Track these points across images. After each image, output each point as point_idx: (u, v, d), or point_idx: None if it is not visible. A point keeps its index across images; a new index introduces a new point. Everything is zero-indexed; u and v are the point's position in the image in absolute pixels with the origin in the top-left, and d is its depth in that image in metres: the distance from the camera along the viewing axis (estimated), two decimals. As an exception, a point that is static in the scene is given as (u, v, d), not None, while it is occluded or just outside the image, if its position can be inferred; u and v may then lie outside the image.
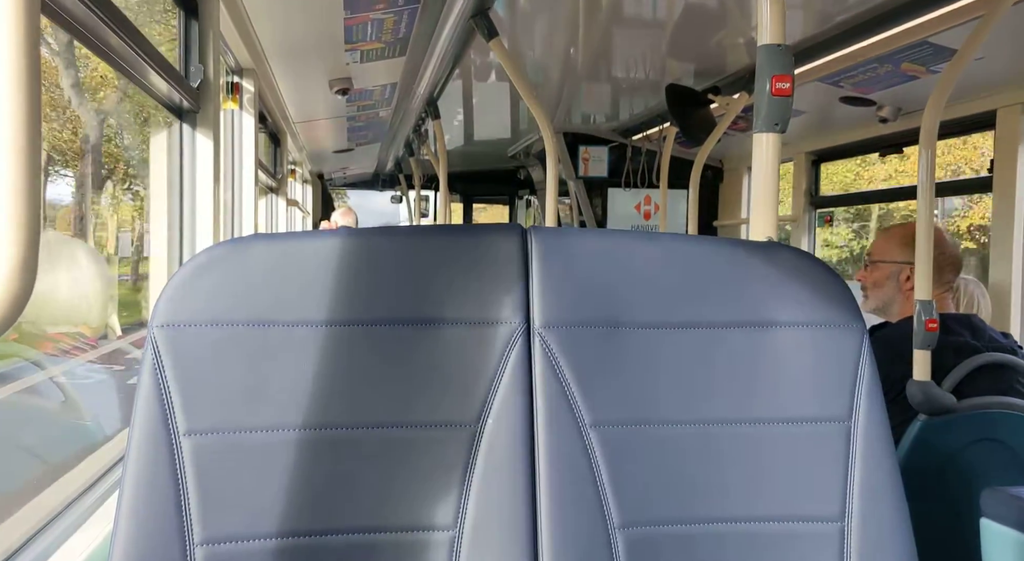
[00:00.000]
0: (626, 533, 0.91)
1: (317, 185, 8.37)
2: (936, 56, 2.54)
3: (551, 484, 0.90)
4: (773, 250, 1.01)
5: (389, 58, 3.25)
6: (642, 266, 0.97)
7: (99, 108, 2.19)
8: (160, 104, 1.85)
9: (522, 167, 6.54)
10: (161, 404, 0.85)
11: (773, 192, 1.21)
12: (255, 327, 0.88)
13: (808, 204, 4.09)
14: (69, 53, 1.80)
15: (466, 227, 0.98)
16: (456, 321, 0.92)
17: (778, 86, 1.19)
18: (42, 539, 1.17)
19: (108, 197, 2.47)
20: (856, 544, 0.94)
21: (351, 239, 0.93)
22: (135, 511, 0.83)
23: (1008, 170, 2.66)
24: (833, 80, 3.00)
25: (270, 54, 3.04)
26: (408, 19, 2.70)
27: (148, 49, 1.51)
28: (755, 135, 1.22)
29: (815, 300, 0.98)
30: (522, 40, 3.15)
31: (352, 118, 4.76)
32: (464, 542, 0.89)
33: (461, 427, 0.90)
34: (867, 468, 0.95)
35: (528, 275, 0.94)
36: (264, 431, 0.86)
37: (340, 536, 0.87)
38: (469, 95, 4.30)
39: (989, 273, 2.76)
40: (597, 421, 0.92)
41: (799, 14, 2.53)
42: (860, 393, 0.96)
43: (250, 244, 0.91)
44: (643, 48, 3.23)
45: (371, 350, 0.90)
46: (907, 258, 2.09)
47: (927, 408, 1.83)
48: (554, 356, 0.93)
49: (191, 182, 1.94)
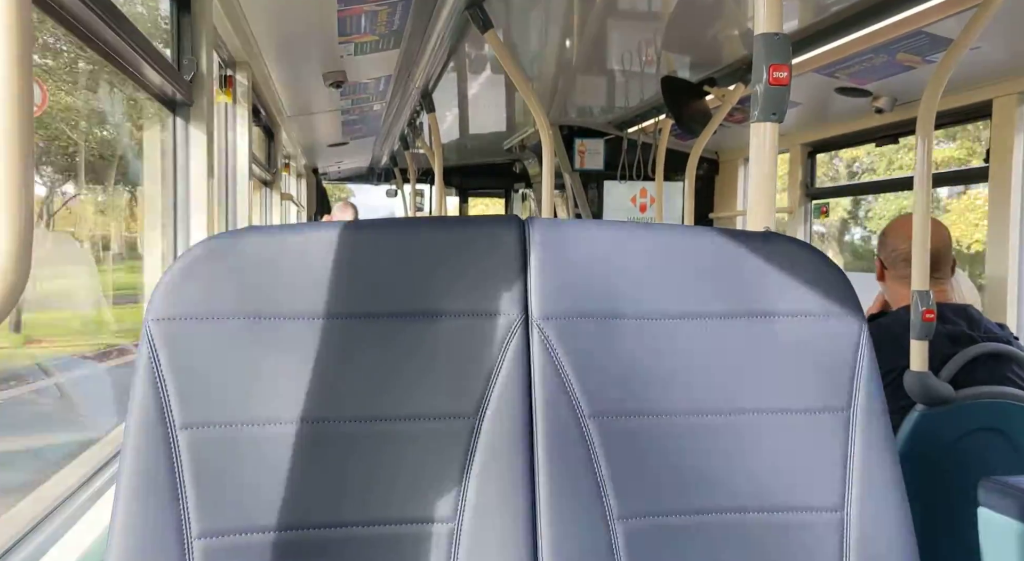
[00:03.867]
0: (625, 524, 0.91)
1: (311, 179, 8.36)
2: (932, 46, 2.54)
3: (550, 475, 0.90)
4: (771, 240, 1.00)
5: (383, 51, 3.24)
6: (641, 257, 0.96)
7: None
8: (153, 97, 1.84)
9: (518, 160, 6.54)
10: (157, 398, 0.84)
11: (771, 182, 1.21)
12: (251, 320, 0.87)
13: (804, 195, 4.09)
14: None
15: (464, 219, 0.98)
16: (454, 313, 0.91)
17: (776, 75, 1.18)
18: (40, 532, 1.17)
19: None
20: (855, 533, 0.94)
21: (347, 231, 0.92)
22: (132, 505, 0.83)
23: (1004, 160, 2.67)
24: (829, 71, 3.00)
25: (264, 47, 3.02)
26: (402, 11, 2.69)
27: (141, 41, 1.50)
28: (752, 125, 1.22)
29: (813, 290, 0.97)
30: (517, 32, 3.14)
31: (346, 111, 4.74)
32: (464, 534, 0.88)
33: (460, 419, 0.90)
34: (866, 458, 0.95)
35: (526, 267, 0.94)
36: (261, 424, 0.86)
37: (338, 529, 0.87)
38: (464, 88, 4.29)
39: (985, 264, 2.76)
40: (596, 412, 0.92)
41: (795, 4, 2.53)
42: (859, 382, 0.96)
43: (245, 237, 0.91)
44: (639, 40, 3.22)
45: (368, 342, 0.89)
46: (895, 247, 2.11)
47: (924, 399, 1.83)
48: (553, 347, 0.92)
49: (184, 175, 1.94)
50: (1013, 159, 2.64)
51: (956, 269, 2.17)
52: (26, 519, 1.17)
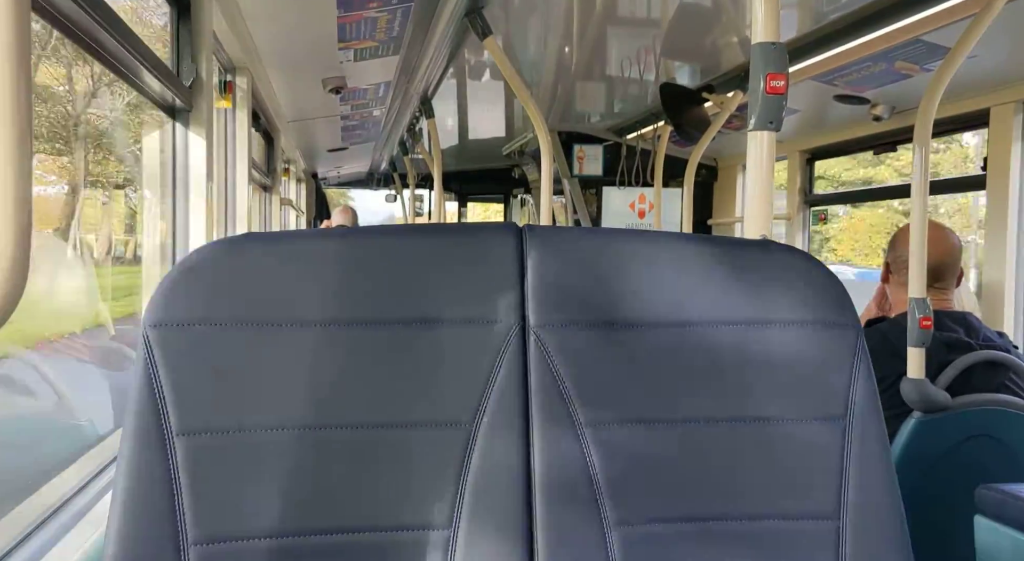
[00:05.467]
0: (621, 531, 0.91)
1: (311, 184, 8.37)
2: (929, 54, 2.55)
3: (546, 483, 0.90)
4: (768, 248, 1.01)
5: (383, 56, 3.25)
6: (638, 265, 0.97)
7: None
8: (153, 103, 1.84)
9: (517, 166, 6.54)
10: (154, 404, 0.84)
11: (768, 190, 1.22)
12: (249, 326, 0.87)
13: (802, 202, 4.10)
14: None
15: (461, 226, 0.98)
16: (451, 320, 0.92)
17: (772, 84, 1.19)
18: (35, 540, 1.16)
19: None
20: (851, 541, 0.94)
21: (345, 238, 0.92)
22: (128, 511, 0.83)
23: (1002, 168, 2.67)
24: (827, 78, 3.01)
25: (263, 52, 3.03)
26: (402, 17, 2.70)
27: (140, 48, 1.50)
28: (750, 133, 1.22)
29: (810, 298, 0.97)
30: (516, 38, 3.15)
31: (346, 117, 4.75)
32: (459, 541, 0.88)
33: (456, 426, 0.90)
34: (862, 465, 0.95)
35: (523, 274, 0.94)
36: (258, 431, 0.86)
37: (335, 536, 0.87)
38: (463, 94, 4.30)
39: (982, 272, 2.76)
40: (592, 420, 0.92)
41: (793, 12, 2.54)
42: (855, 391, 0.96)
43: (243, 243, 0.91)
44: (638, 46, 3.23)
45: (365, 349, 0.89)
46: (903, 252, 2.11)
47: (921, 405, 1.84)
48: (549, 355, 0.92)
49: (184, 181, 1.94)
50: (1010, 167, 2.64)
51: (961, 281, 2.17)
52: (21, 526, 1.17)
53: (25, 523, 1.18)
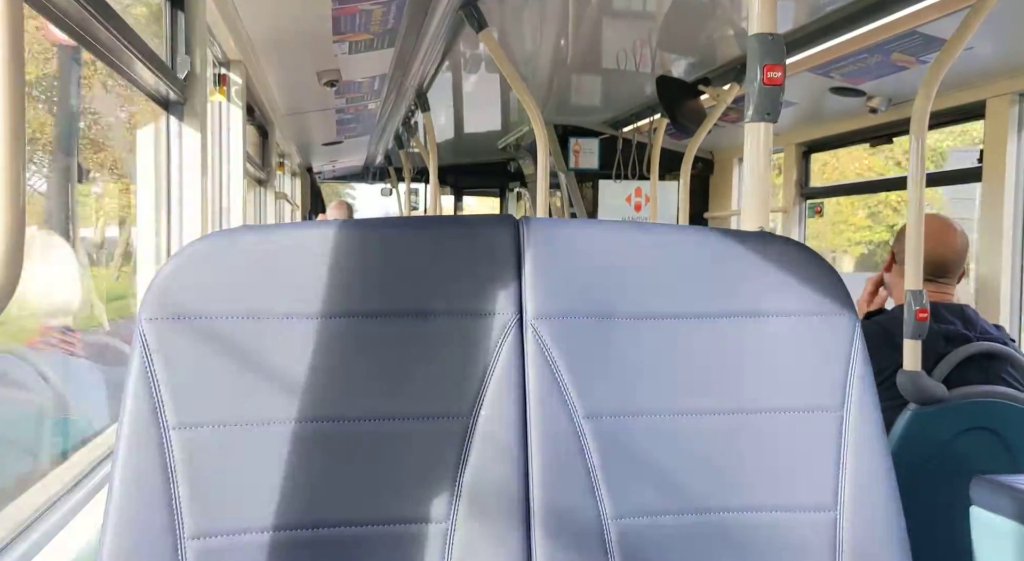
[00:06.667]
0: (619, 523, 0.91)
1: (306, 178, 8.35)
2: (926, 46, 2.54)
3: (544, 475, 0.90)
4: (765, 240, 1.01)
5: (378, 49, 3.24)
6: (635, 257, 0.96)
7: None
8: (147, 95, 1.83)
9: (512, 159, 6.53)
10: (150, 397, 0.84)
11: (765, 182, 1.21)
12: (245, 319, 0.87)
13: (798, 195, 4.10)
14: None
15: (459, 218, 0.98)
16: (448, 312, 0.91)
17: (769, 75, 1.18)
18: (31, 533, 1.16)
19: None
20: (848, 533, 0.94)
21: (342, 230, 0.92)
22: (125, 505, 0.82)
23: (998, 160, 2.67)
24: (823, 70, 3.01)
25: (258, 45, 3.01)
26: (397, 10, 2.68)
27: (134, 40, 1.50)
28: (747, 125, 1.22)
29: (807, 289, 0.97)
30: (512, 31, 3.13)
31: (341, 110, 4.73)
32: (457, 534, 0.88)
33: (454, 419, 0.90)
34: (859, 457, 0.95)
35: (521, 266, 0.94)
36: (255, 424, 0.86)
37: (332, 529, 0.86)
38: (459, 87, 4.29)
39: (977, 265, 2.77)
40: (590, 412, 0.92)
41: (790, 4, 2.53)
42: (852, 382, 0.96)
43: (239, 236, 0.90)
44: (634, 39, 3.22)
45: (362, 342, 0.89)
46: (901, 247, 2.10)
47: (917, 398, 1.84)
48: (547, 347, 0.92)
49: (178, 174, 1.93)
50: (1007, 159, 2.64)
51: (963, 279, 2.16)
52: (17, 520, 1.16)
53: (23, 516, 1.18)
